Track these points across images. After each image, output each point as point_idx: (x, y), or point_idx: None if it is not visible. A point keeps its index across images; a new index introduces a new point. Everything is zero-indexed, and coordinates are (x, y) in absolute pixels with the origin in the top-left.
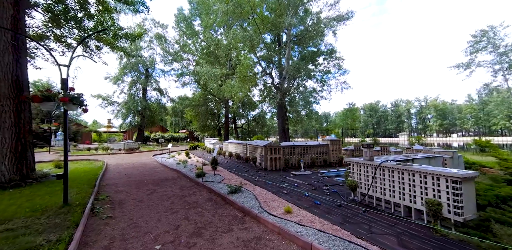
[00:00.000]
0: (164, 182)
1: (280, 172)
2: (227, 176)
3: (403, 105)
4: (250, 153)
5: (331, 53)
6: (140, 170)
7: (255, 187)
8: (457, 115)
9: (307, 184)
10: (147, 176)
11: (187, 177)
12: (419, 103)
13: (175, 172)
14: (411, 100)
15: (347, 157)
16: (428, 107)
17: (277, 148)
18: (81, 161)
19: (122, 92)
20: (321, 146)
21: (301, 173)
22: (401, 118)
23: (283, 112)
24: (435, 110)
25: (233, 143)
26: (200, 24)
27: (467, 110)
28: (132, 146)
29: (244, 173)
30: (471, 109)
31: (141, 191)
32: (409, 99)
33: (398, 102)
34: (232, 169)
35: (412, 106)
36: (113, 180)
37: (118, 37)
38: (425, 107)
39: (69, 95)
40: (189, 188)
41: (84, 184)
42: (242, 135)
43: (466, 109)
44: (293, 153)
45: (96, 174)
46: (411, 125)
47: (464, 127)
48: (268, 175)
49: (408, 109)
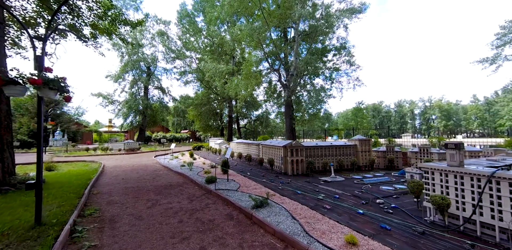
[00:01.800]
0: (168, 189)
1: (304, 178)
2: (242, 181)
3: (406, 105)
4: (264, 154)
5: (342, 48)
6: (140, 173)
7: (283, 198)
8: (462, 116)
9: (349, 195)
10: (148, 181)
11: (196, 183)
12: (423, 104)
13: (181, 176)
14: (415, 100)
15: (379, 160)
16: (433, 108)
17: (298, 149)
18: (76, 163)
19: (123, 91)
20: (348, 146)
21: (332, 179)
22: (405, 119)
23: (291, 111)
24: (440, 111)
25: (243, 143)
26: (203, 20)
27: (472, 111)
28: (132, 146)
29: (261, 178)
30: (476, 110)
31: (140, 202)
32: (413, 100)
33: (401, 103)
34: (245, 173)
35: (416, 107)
36: (108, 187)
37: (116, 23)
38: (429, 108)
39: (44, 77)
40: (199, 198)
41: (72, 192)
42: (245, 135)
43: (472, 110)
44: (316, 154)
45: (89, 178)
46: (415, 126)
47: (469, 127)
48: (292, 182)
49: (412, 110)
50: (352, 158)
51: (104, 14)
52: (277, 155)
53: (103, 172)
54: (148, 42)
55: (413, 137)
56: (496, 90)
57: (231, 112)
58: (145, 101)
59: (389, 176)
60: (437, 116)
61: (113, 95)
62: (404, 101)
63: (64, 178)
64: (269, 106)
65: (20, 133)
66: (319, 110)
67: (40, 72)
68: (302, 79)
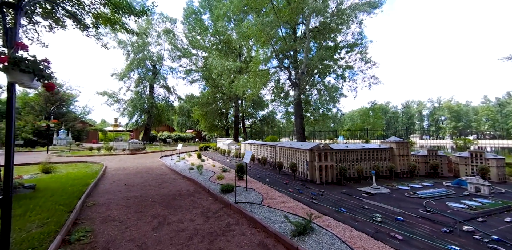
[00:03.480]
0: (178, 201)
1: (337, 187)
2: (264, 191)
3: (414, 106)
4: (282, 158)
5: (355, 46)
6: (145, 177)
7: (326, 218)
8: (472, 117)
9: (415, 215)
10: (153, 188)
11: (209, 192)
12: (432, 105)
13: (191, 182)
14: (423, 101)
15: (418, 165)
16: (442, 109)
17: (327, 152)
18: (77, 164)
19: (128, 89)
20: (383, 150)
21: (376, 191)
22: (412, 120)
23: (301, 110)
24: (449, 111)
25: (255, 144)
26: (209, 18)
27: (483, 112)
28: (137, 145)
29: (284, 186)
30: (488, 111)
31: (143, 219)
32: (421, 101)
33: (409, 104)
34: (263, 179)
35: (424, 108)
36: (107, 196)
37: (119, 10)
38: (438, 109)
39: (13, 56)
40: (217, 214)
41: (62, 203)
42: (251, 135)
43: (483, 111)
44: (346, 159)
45: (86, 183)
46: (423, 127)
47: (480, 129)
48: (325, 193)
49: (420, 110)
50: (389, 164)
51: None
52: (301, 159)
53: (103, 176)
54: (154, 40)
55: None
56: (508, 91)
57: (237, 111)
58: (150, 100)
59: (441, 187)
60: (446, 117)
61: (118, 94)
62: (412, 102)
63: (58, 183)
64: (275, 106)
65: (24, 131)
66: (329, 110)
67: (10, 49)
68: (312, 78)
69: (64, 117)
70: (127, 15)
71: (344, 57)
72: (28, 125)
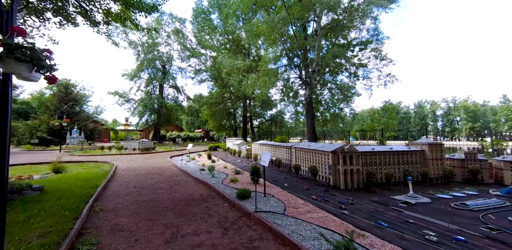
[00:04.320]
0: (191, 207)
1: (365, 194)
2: (284, 198)
3: (427, 106)
4: (299, 160)
5: (369, 43)
6: (156, 179)
7: (367, 235)
8: (490, 117)
9: (478, 235)
10: (164, 192)
11: (224, 198)
12: (447, 105)
13: (203, 186)
14: (437, 101)
15: (454, 170)
16: (457, 109)
17: (353, 155)
18: (88, 163)
19: (138, 89)
20: (414, 152)
21: (414, 200)
22: (425, 121)
23: (312, 110)
24: (465, 112)
25: (268, 145)
26: (218, 17)
27: (502, 112)
28: (147, 145)
29: (305, 192)
30: (507, 111)
31: (155, 229)
32: (434, 100)
33: (422, 104)
34: (281, 184)
35: (438, 108)
36: (116, 199)
37: (129, 6)
38: (453, 109)
39: (8, 42)
40: (236, 225)
41: (69, 207)
42: (259, 135)
43: (502, 111)
44: (373, 162)
45: (95, 185)
46: (437, 128)
47: (499, 130)
48: (355, 201)
49: (434, 110)
50: (421, 168)
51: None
52: (322, 162)
53: (113, 176)
54: (163, 40)
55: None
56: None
57: (246, 111)
58: (160, 100)
59: (489, 196)
60: (462, 118)
61: (129, 94)
62: (425, 101)
63: (67, 184)
64: (283, 106)
65: (40, 130)
66: (341, 109)
67: (5, 36)
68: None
69: (77, 116)
70: (137, 10)
71: (357, 55)
72: (43, 124)
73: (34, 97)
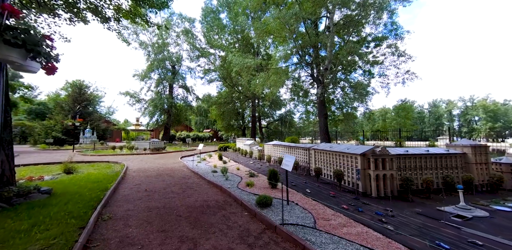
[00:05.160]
0: (207, 216)
1: (403, 204)
2: (310, 207)
3: (443, 106)
4: (321, 163)
5: (385, 38)
6: (167, 181)
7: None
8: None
9: None
10: (177, 197)
11: (242, 205)
12: (464, 104)
13: (218, 190)
14: (453, 100)
15: (503, 176)
16: (476, 108)
17: (386, 159)
18: (99, 163)
19: (149, 89)
20: (453, 155)
21: (469, 214)
22: (441, 120)
23: (325, 109)
24: (485, 111)
25: (282, 146)
26: (227, 16)
27: None
28: (158, 145)
29: (331, 200)
30: None
31: (168, 243)
32: (451, 100)
33: (437, 103)
34: (302, 189)
35: (454, 107)
36: (126, 205)
37: (139, 2)
38: (471, 108)
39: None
40: (260, 241)
41: (76, 214)
42: (268, 136)
43: None
44: (407, 166)
45: (105, 188)
46: (454, 128)
47: None
48: (395, 213)
49: (450, 110)
50: (464, 173)
51: None
52: (348, 166)
53: (124, 178)
54: (173, 41)
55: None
56: None
57: (255, 111)
58: (170, 100)
59: None
60: (481, 117)
61: (139, 94)
62: (440, 101)
63: (77, 186)
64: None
65: (55, 130)
66: (355, 109)
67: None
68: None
69: (90, 116)
70: (148, 6)
71: (371, 52)
72: (57, 124)
73: (50, 98)
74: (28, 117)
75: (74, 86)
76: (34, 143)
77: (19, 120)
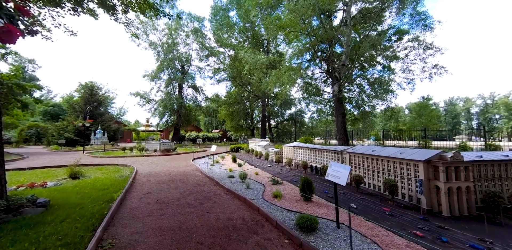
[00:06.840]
0: (236, 243)
1: (496, 229)
2: (369, 232)
3: (460, 104)
4: (360, 170)
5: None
6: (180, 188)
7: None
8: None
9: None
10: (194, 212)
11: (278, 227)
12: (483, 102)
13: (241, 202)
14: (471, 98)
15: None
16: (496, 106)
17: (460, 166)
18: (108, 166)
19: (159, 90)
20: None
21: None
22: (458, 119)
23: (342, 108)
24: (506, 109)
25: (305, 148)
26: (236, 14)
27: None
28: (168, 146)
29: (390, 220)
30: None
31: None
32: (468, 97)
33: (453, 101)
34: (345, 203)
35: (473, 105)
36: (133, 225)
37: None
38: (491, 106)
39: None
40: None
41: (70, 239)
42: (277, 136)
43: None
44: (484, 175)
45: (111, 198)
46: (472, 127)
47: None
48: (499, 245)
49: (468, 108)
50: None
51: None
52: (403, 175)
53: (133, 184)
54: (182, 40)
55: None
56: None
57: (265, 111)
58: (179, 100)
59: None
60: (502, 115)
61: (149, 95)
62: (457, 99)
63: (80, 195)
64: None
65: (67, 131)
66: (373, 107)
67: None
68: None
69: (101, 117)
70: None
71: (392, 46)
72: (70, 125)
73: (64, 99)
74: (43, 118)
75: (86, 87)
76: (47, 144)
77: (34, 121)
